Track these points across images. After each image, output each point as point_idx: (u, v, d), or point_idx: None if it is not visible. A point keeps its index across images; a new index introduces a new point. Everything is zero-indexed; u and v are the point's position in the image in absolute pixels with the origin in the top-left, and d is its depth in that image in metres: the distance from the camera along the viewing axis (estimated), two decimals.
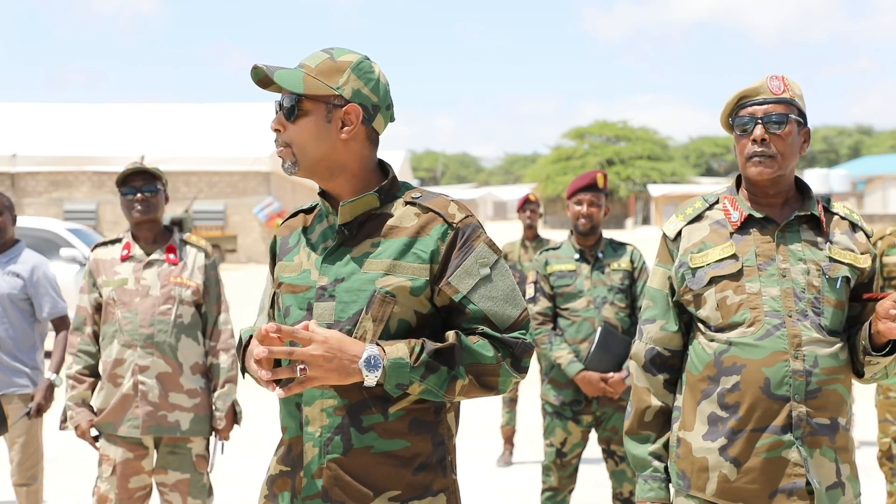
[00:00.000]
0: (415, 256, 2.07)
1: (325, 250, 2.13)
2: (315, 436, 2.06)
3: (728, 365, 2.45)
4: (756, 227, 2.51)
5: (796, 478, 2.41)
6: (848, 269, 2.49)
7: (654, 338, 2.61)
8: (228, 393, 3.96)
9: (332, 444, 2.05)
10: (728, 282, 2.47)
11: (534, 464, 6.59)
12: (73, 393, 3.95)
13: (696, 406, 2.51)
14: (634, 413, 2.63)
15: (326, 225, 2.17)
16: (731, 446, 2.44)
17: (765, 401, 2.41)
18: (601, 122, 62.65)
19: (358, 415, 2.04)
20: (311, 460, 2.07)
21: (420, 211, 2.11)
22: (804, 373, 2.41)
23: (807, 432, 2.41)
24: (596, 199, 4.52)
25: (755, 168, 2.49)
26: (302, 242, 2.18)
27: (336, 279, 2.08)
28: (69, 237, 12.22)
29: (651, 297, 2.64)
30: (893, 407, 4.65)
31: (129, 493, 3.87)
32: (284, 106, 2.09)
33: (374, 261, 2.07)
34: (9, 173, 31.02)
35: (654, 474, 2.59)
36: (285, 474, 2.13)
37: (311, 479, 2.07)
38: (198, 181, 31.50)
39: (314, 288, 2.09)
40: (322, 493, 2.06)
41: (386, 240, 2.09)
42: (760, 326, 2.43)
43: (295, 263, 2.16)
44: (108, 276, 3.92)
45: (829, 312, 2.46)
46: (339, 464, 2.05)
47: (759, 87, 2.51)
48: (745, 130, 2.50)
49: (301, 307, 2.11)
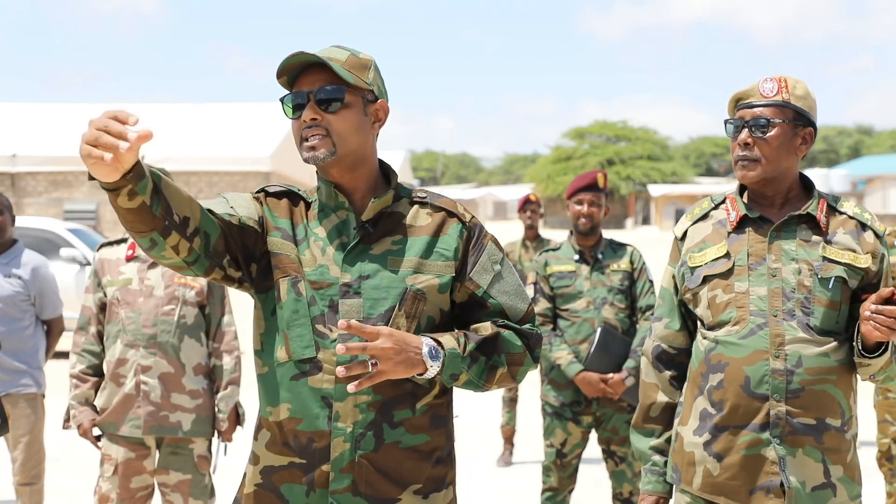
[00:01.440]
0: (439, 255, 2.14)
1: (342, 246, 2.12)
2: (346, 431, 2.06)
3: (715, 363, 2.51)
4: (751, 226, 2.55)
5: (772, 476, 2.44)
6: (844, 268, 2.48)
7: (659, 335, 2.68)
8: (231, 394, 3.97)
9: (365, 440, 2.07)
10: (718, 280, 2.52)
11: (534, 464, 6.60)
12: (76, 392, 3.96)
13: (693, 402, 2.57)
14: (641, 407, 2.70)
15: (338, 219, 2.15)
16: (714, 442, 2.49)
17: (745, 399, 2.45)
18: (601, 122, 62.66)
19: (390, 410, 2.08)
20: (342, 455, 2.07)
21: (432, 210, 2.18)
22: (785, 372, 2.44)
23: (786, 431, 2.44)
24: (596, 198, 4.53)
25: (740, 171, 2.55)
26: (311, 236, 2.14)
27: (361, 276, 2.09)
28: (69, 237, 12.22)
29: (660, 296, 2.71)
30: (892, 407, 4.66)
31: (130, 493, 3.88)
32: (325, 97, 2.08)
33: (399, 259, 2.11)
34: (9, 173, 31.04)
35: (652, 468, 2.65)
36: (296, 466, 2.10)
37: (338, 474, 2.07)
38: (198, 181, 31.52)
39: (336, 284, 2.09)
40: (351, 488, 2.07)
41: (407, 238, 2.14)
42: (745, 325, 2.47)
43: (307, 258, 2.12)
44: (113, 276, 3.93)
45: (819, 312, 2.46)
46: (369, 459, 2.08)
47: (751, 90, 2.55)
48: (733, 134, 2.56)
49: (324, 302, 2.09)
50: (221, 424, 3.97)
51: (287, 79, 2.15)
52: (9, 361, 4.54)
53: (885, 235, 2.60)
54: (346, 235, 2.13)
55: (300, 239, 2.15)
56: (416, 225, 2.16)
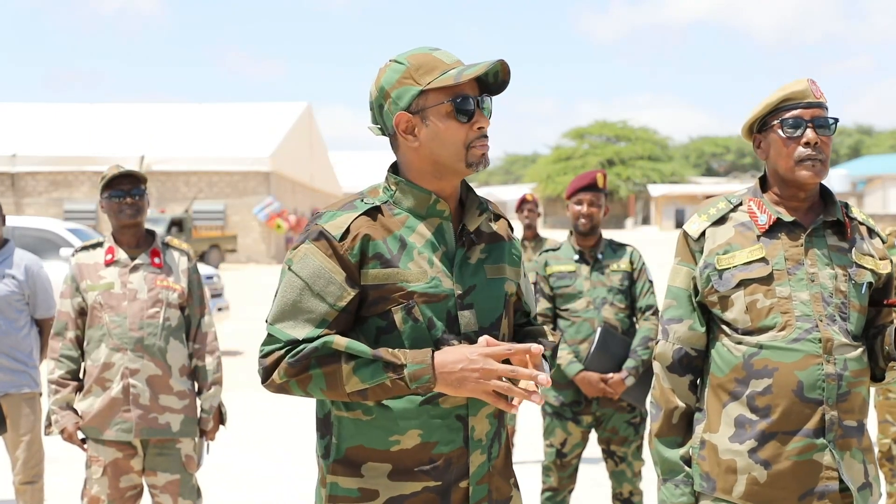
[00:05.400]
0: (513, 261, 2.21)
1: (447, 256, 2.09)
2: (482, 443, 2.11)
3: (759, 368, 2.43)
4: (784, 230, 2.49)
5: (829, 481, 2.41)
6: (870, 274, 2.50)
7: (681, 337, 2.57)
8: (215, 395, 3.99)
9: (494, 448, 2.14)
10: (758, 285, 2.45)
11: (534, 464, 6.59)
12: (56, 397, 3.93)
13: (722, 408, 2.49)
14: (663, 415, 2.58)
15: (432, 227, 2.10)
16: (761, 449, 2.43)
17: (797, 404, 2.40)
18: (601, 122, 62.72)
19: (503, 414, 2.17)
20: (479, 467, 2.11)
21: (494, 216, 2.23)
22: (836, 376, 2.41)
23: (838, 435, 2.42)
24: (596, 198, 4.52)
25: (807, 171, 2.45)
26: (413, 248, 2.07)
27: (469, 287, 2.10)
28: (69, 237, 12.23)
29: (674, 297, 2.59)
30: (893, 408, 4.66)
31: (120, 493, 3.87)
32: (487, 105, 2.11)
33: (493, 266, 2.15)
34: (9, 173, 31.04)
35: (685, 479, 2.55)
36: (431, 490, 2.06)
37: (476, 486, 2.11)
38: (198, 181, 31.51)
39: (452, 297, 2.07)
40: (488, 497, 2.13)
41: (490, 245, 2.17)
42: (792, 330, 2.42)
43: (415, 271, 2.05)
44: (93, 281, 3.90)
45: (854, 317, 2.47)
46: (496, 466, 2.15)
47: (805, 90, 2.48)
48: (795, 133, 2.47)
49: (440, 317, 2.06)
50: (206, 424, 3.99)
51: (467, 82, 2.09)
52: (7, 361, 4.54)
53: (885, 236, 2.62)
54: (445, 244, 2.10)
55: (396, 254, 2.06)
56: (489, 231, 2.18)
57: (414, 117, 2.07)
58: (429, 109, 2.06)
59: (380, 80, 2.11)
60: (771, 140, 2.51)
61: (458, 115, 2.05)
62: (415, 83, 2.06)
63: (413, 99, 2.06)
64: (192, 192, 31.38)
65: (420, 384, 1.95)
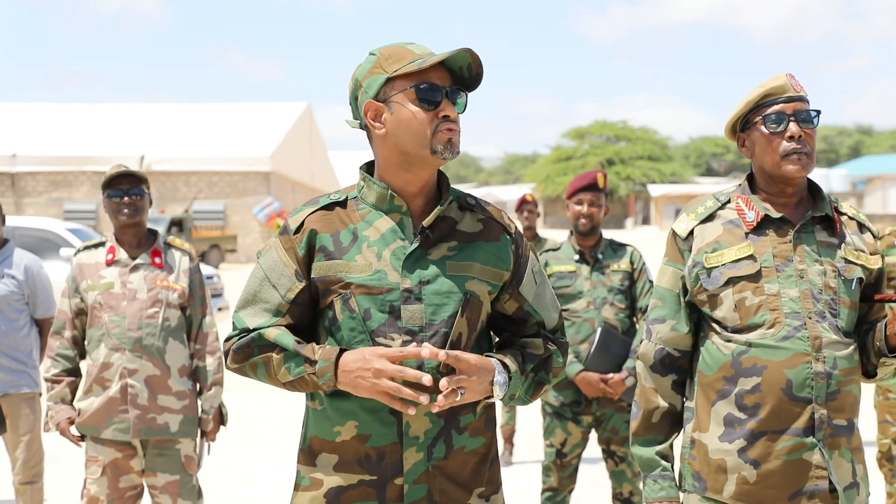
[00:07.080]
0: (493, 262, 2.14)
1: (400, 251, 2.08)
2: (419, 441, 2.07)
3: (748, 366, 2.41)
4: (772, 227, 2.47)
5: (818, 480, 2.39)
6: (861, 269, 2.47)
7: (664, 338, 2.56)
8: (215, 395, 3.99)
9: (437, 448, 2.08)
10: (747, 283, 2.43)
11: (534, 464, 6.60)
12: (52, 393, 3.95)
13: (711, 407, 2.48)
14: (642, 415, 2.58)
15: (392, 222, 2.11)
16: (750, 448, 2.41)
17: (786, 402, 2.38)
18: (601, 122, 62.67)
19: (457, 416, 2.10)
20: (415, 465, 2.07)
21: (481, 216, 2.18)
22: (825, 375, 2.39)
23: (828, 434, 2.40)
24: (596, 198, 4.52)
25: (793, 165, 2.43)
26: (363, 241, 2.09)
27: (421, 281, 2.07)
28: (69, 237, 12.23)
29: (660, 297, 2.58)
30: (893, 408, 4.66)
31: (119, 493, 3.86)
32: (459, 99, 2.09)
33: (458, 264, 2.10)
34: (9, 173, 31.03)
35: (663, 473, 2.55)
36: (366, 484, 2.08)
37: (413, 485, 2.07)
38: (198, 181, 31.50)
39: (397, 290, 2.06)
40: (427, 498, 2.08)
41: (463, 244, 2.12)
42: (781, 328, 2.40)
43: (360, 263, 2.08)
44: (94, 280, 3.90)
45: (844, 314, 2.44)
46: (441, 467, 2.09)
47: (784, 84, 2.46)
48: (778, 128, 2.45)
49: (382, 310, 2.06)
50: (206, 425, 3.99)
51: (424, 70, 2.07)
52: (6, 361, 4.55)
53: (885, 235, 2.60)
54: (402, 239, 2.10)
55: (346, 246, 2.09)
56: (469, 231, 2.14)
57: (381, 105, 2.08)
58: (394, 96, 2.07)
59: (356, 72, 2.15)
60: (755, 137, 2.49)
61: (422, 102, 2.05)
62: (383, 71, 2.08)
63: (381, 87, 2.08)
64: (192, 192, 31.37)
65: (325, 381, 2.02)
